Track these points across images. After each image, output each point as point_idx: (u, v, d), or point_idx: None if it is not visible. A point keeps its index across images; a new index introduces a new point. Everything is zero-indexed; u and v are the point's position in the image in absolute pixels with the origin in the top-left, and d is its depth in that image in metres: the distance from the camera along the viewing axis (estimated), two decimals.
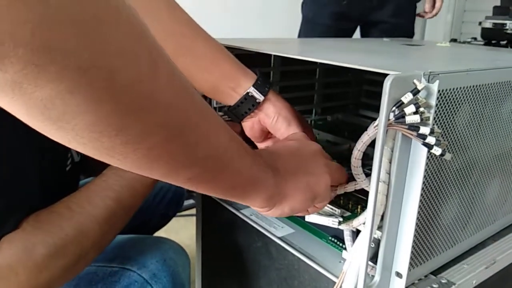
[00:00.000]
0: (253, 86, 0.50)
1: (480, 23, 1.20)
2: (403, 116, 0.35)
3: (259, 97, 0.51)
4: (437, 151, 0.35)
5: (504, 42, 1.13)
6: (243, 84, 0.51)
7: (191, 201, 1.59)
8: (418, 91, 0.35)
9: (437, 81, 0.36)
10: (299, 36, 1.53)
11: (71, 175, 0.57)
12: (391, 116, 0.35)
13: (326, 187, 0.43)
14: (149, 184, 0.53)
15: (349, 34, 1.49)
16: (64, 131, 0.23)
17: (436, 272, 0.47)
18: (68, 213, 0.47)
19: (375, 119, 0.38)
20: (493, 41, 1.15)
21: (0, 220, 0.43)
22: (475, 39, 1.25)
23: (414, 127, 0.35)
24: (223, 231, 0.69)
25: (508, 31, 1.12)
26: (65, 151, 0.55)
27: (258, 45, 0.62)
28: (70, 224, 0.46)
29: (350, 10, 1.39)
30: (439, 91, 0.36)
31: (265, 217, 0.58)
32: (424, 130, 0.35)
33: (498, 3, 1.28)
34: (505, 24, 1.13)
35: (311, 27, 1.47)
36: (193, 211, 1.52)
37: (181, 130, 0.28)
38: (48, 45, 0.19)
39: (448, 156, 0.36)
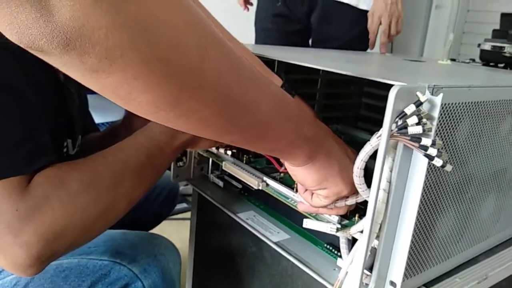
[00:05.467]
0: None
1: (479, 45, 1.22)
2: (405, 127, 0.35)
3: None
4: (438, 162, 0.35)
5: (502, 65, 1.15)
6: None
7: (184, 205, 1.58)
8: (421, 103, 0.35)
9: (441, 94, 0.36)
10: None
11: None
12: (394, 126, 0.36)
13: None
14: (177, 149, 0.55)
15: (296, 36, 1.32)
16: (131, 104, 0.29)
17: (429, 284, 0.47)
18: (102, 159, 0.49)
19: (373, 132, 0.38)
20: (491, 63, 1.17)
21: (40, 152, 0.45)
22: (473, 60, 1.26)
23: (416, 138, 0.36)
24: (218, 234, 0.69)
25: (507, 54, 1.14)
26: (61, 140, 0.55)
27: (262, 50, 0.62)
28: (104, 169, 0.48)
29: (288, 10, 1.29)
30: (442, 104, 0.37)
31: (261, 221, 0.58)
32: (426, 141, 0.35)
33: (497, 27, 1.30)
34: (504, 47, 1.15)
35: (257, 36, 1.38)
36: (186, 214, 1.52)
37: (225, 106, 0.32)
38: (118, 44, 0.24)
39: (449, 168, 0.36)
